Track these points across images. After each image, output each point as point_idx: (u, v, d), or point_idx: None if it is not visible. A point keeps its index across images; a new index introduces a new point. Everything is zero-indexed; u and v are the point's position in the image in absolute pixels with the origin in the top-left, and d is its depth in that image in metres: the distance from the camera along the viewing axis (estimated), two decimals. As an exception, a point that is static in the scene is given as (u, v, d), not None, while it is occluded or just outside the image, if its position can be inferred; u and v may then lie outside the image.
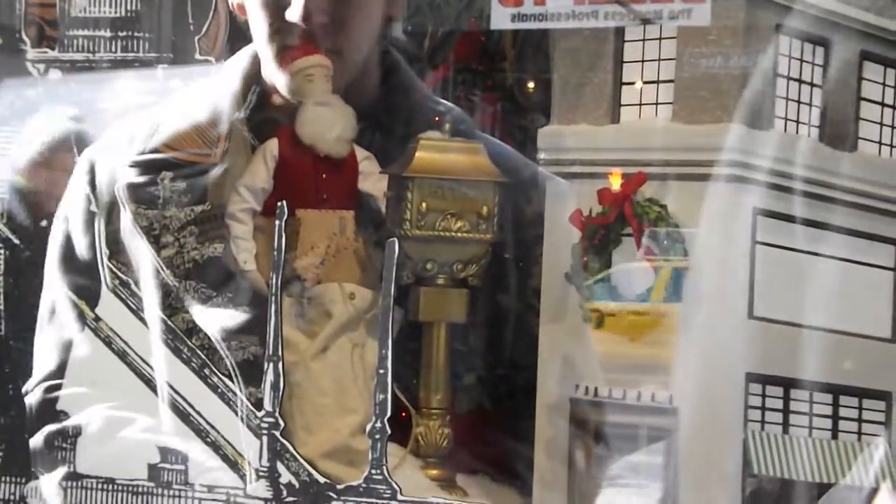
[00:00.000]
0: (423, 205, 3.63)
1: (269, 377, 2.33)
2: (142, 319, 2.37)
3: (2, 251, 2.41)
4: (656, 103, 3.15)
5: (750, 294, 2.96)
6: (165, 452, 2.34)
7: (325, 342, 3.71)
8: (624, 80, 3.19)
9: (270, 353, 2.32)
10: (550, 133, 3.32)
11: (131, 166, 3.07)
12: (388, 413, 2.39)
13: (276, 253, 2.32)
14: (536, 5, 2.86)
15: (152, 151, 3.12)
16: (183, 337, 2.40)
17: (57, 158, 2.58)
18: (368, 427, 2.36)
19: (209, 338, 2.69)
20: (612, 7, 2.80)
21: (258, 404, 2.88)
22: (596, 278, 3.14)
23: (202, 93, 3.32)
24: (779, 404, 2.92)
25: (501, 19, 2.90)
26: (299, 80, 3.87)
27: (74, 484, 2.32)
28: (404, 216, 3.65)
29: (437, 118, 3.81)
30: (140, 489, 2.31)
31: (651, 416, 3.04)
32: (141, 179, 3.06)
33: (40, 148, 2.52)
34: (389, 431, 2.40)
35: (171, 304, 2.90)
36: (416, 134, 3.45)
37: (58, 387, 2.52)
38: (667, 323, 3.03)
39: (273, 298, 2.31)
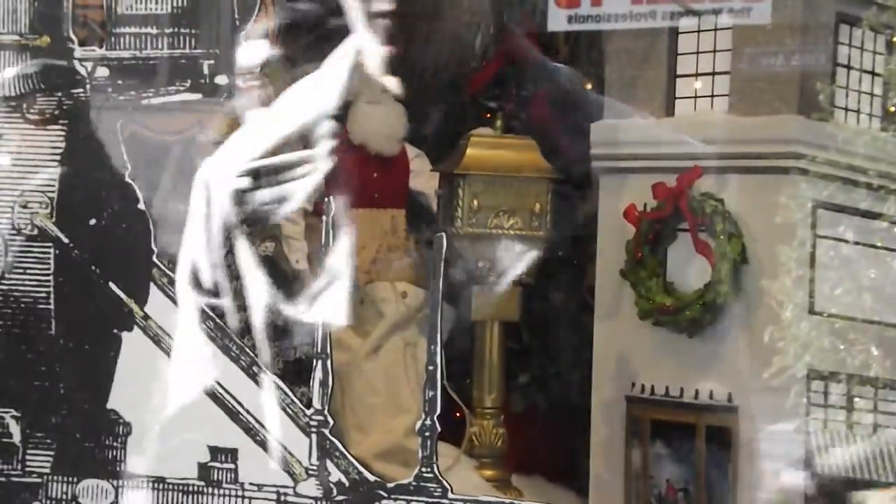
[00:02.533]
0: (475, 202, 3.60)
1: (318, 375, 2.31)
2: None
3: (52, 250, 2.41)
4: (712, 95, 3.09)
5: (811, 289, 2.89)
6: (215, 451, 2.32)
7: (377, 341, 3.69)
8: (679, 72, 3.14)
9: (319, 350, 2.28)
10: (604, 128, 3.27)
11: (240, 176, 3.05)
12: (438, 410, 2.35)
13: (324, 249, 2.30)
14: (593, 6, 2.82)
15: (272, 153, 3.11)
16: (231, 335, 2.37)
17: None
18: (418, 424, 2.33)
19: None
20: (669, 6, 2.75)
21: (310, 403, 2.85)
22: (651, 274, 3.09)
23: (317, 86, 3.27)
24: (842, 401, 2.85)
25: (558, 21, 2.85)
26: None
27: (125, 483, 2.30)
28: (456, 214, 3.62)
29: (488, 114, 3.78)
30: (190, 488, 2.29)
31: (709, 415, 2.98)
32: (249, 185, 3.06)
33: None
34: (440, 429, 2.36)
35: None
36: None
37: None
38: (725, 319, 2.96)
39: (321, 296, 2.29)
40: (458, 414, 3.62)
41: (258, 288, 2.49)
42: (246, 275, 2.50)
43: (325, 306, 2.32)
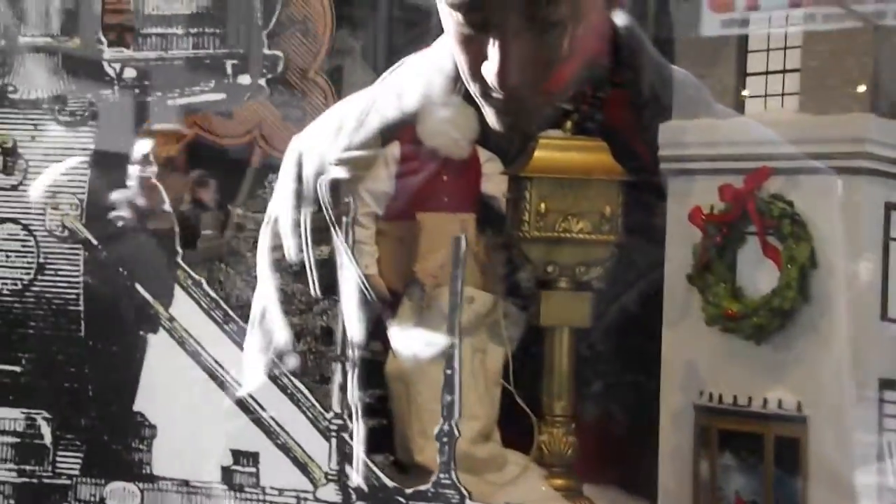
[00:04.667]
0: (542, 205, 3.53)
1: (338, 378, 2.27)
2: (213, 319, 2.34)
3: (82, 252, 2.43)
4: (782, 94, 2.99)
5: (883, 294, 2.78)
6: (237, 455, 2.31)
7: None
8: (748, 70, 3.04)
9: (339, 353, 2.25)
10: (671, 128, 3.18)
11: (337, 164, 3.01)
12: (457, 415, 2.30)
13: (342, 246, 2.26)
14: (748, 10, 2.77)
15: (360, 146, 3.08)
16: None
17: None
18: (436, 430, 2.28)
19: (316, 342, 2.65)
20: (830, 9, 2.67)
21: (366, 409, 2.83)
22: (719, 279, 2.99)
23: (412, 76, 3.22)
24: (917, 412, 2.73)
25: (711, 26, 2.81)
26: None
27: (150, 486, 2.31)
28: (523, 217, 3.55)
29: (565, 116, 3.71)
30: (213, 491, 2.28)
31: (778, 425, 2.87)
32: (345, 177, 3.03)
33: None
34: (459, 434, 2.31)
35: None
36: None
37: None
38: (794, 325, 2.86)
39: (341, 295, 2.25)
40: (530, 421, 3.56)
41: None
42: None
43: (351, 309, 2.28)
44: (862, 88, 2.80)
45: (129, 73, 2.37)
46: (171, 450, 2.30)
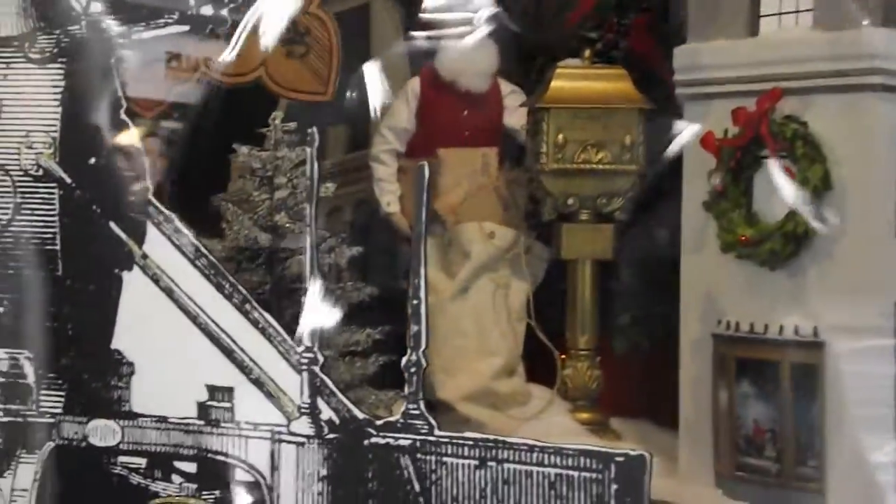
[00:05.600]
0: (560, 136, 3.45)
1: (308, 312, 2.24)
2: (185, 255, 2.32)
3: (57, 191, 2.41)
4: (797, 11, 2.90)
5: (897, 213, 2.70)
6: (213, 390, 2.30)
7: (464, 283, 3.60)
8: (763, -12, 2.96)
9: (309, 287, 2.22)
10: (687, 52, 3.10)
11: None
12: (423, 345, 2.27)
13: (308, 181, 2.22)
14: None
15: None
16: (224, 272, 2.34)
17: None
18: (404, 361, 2.24)
19: (324, 278, 2.62)
20: None
21: (376, 345, 2.81)
22: (734, 205, 2.92)
23: None
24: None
25: None
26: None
27: (130, 423, 2.32)
28: (541, 149, 3.47)
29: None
30: (191, 427, 2.28)
31: (794, 351, 2.81)
32: None
33: None
34: (426, 364, 2.28)
35: (287, 247, 2.88)
36: None
37: None
38: (808, 250, 2.78)
39: (309, 230, 2.22)
40: (563, 356, 3.52)
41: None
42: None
43: (310, 240, 2.23)
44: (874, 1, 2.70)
45: (95, 6, 2.35)
46: (148, 386, 2.29)
